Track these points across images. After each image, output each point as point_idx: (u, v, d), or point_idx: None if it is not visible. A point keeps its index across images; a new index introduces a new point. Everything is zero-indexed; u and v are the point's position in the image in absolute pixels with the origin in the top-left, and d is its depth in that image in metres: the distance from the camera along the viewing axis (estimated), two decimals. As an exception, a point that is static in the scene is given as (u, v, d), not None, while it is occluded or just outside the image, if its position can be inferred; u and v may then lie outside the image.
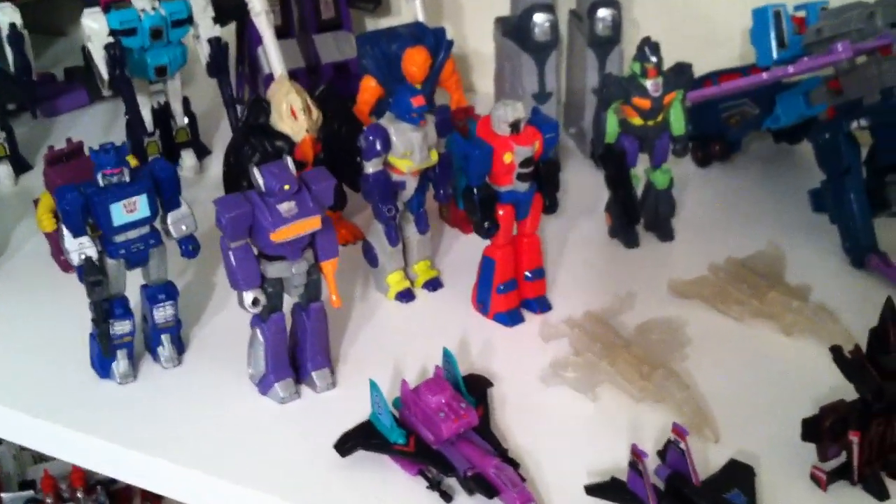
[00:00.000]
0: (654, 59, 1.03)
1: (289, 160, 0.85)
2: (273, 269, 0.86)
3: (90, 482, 1.70)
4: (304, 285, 0.88)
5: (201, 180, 1.28)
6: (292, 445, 0.86)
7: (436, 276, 1.06)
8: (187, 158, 1.29)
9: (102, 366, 0.93)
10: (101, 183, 0.87)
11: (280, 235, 0.83)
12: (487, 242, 0.98)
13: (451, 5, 1.45)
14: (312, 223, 0.85)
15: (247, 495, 0.83)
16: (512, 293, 0.99)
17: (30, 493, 1.70)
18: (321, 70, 1.37)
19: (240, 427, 0.89)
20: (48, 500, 1.62)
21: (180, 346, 0.96)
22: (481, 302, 1.00)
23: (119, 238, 0.89)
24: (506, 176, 0.94)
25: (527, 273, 0.99)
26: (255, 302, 0.86)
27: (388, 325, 1.01)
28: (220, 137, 1.36)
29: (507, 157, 0.93)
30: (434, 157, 0.99)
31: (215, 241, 0.86)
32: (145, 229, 0.90)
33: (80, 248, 0.88)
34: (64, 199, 0.87)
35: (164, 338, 0.95)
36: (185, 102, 1.28)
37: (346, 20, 1.40)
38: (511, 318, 0.99)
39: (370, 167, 0.98)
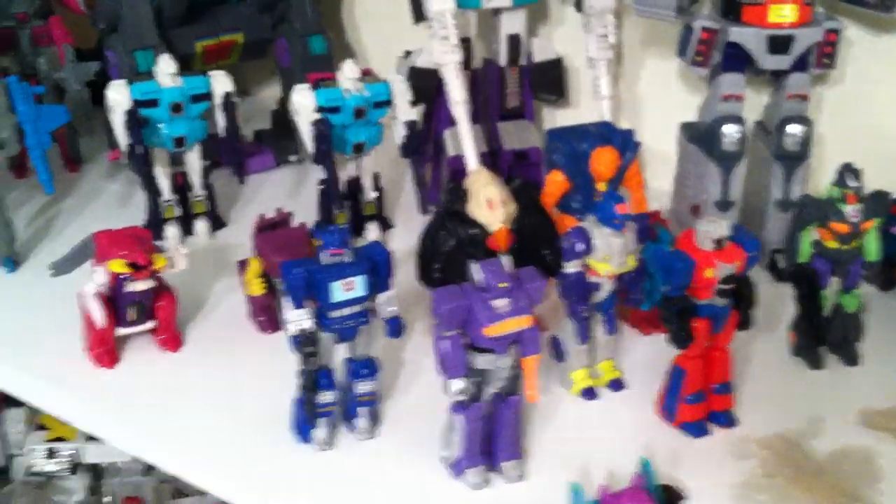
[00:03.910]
0: (854, 184, 1.04)
1: (505, 259, 0.90)
2: (480, 361, 0.90)
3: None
4: (506, 378, 0.91)
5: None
6: (480, 534, 0.89)
7: (619, 377, 1.08)
8: (372, 230, 1.35)
9: (303, 431, 0.98)
10: (324, 261, 0.93)
11: (493, 331, 0.87)
12: (670, 346, 1.00)
13: (631, 102, 1.49)
14: (524, 321, 0.88)
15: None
16: (700, 404, 1.00)
17: (171, 525, 1.76)
18: (502, 155, 1.41)
19: (430, 506, 0.92)
20: (189, 536, 1.66)
21: (376, 420, 1.01)
22: (667, 409, 1.01)
23: (334, 314, 0.94)
24: (705, 290, 0.96)
25: (715, 386, 1.00)
26: (461, 390, 0.89)
27: (571, 422, 1.03)
28: (401, 213, 1.42)
29: (709, 273, 0.95)
30: (631, 263, 1.02)
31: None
32: (358, 307, 0.95)
33: (299, 319, 0.94)
34: (290, 273, 0.92)
35: (362, 411, 0.99)
36: (376, 178, 1.34)
37: (529, 110, 1.44)
38: (698, 430, 1.00)
39: (570, 267, 1.01)
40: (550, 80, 1.44)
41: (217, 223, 1.37)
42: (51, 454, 1.82)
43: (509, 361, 0.90)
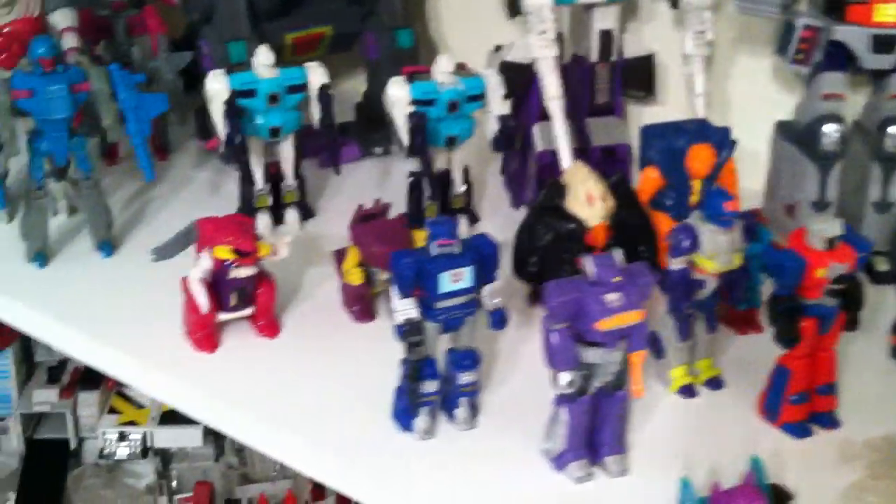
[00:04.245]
0: (962, 185, 1.03)
1: (618, 253, 0.90)
2: (590, 355, 0.90)
3: (302, 513, 1.78)
4: (614, 373, 0.91)
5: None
6: (587, 526, 0.89)
7: (718, 375, 1.07)
8: (461, 224, 1.35)
9: (405, 420, 0.99)
10: (433, 252, 0.94)
11: (604, 325, 0.87)
12: (767, 345, 1.00)
13: (721, 99, 1.47)
14: (635, 316, 0.88)
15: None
16: (803, 405, 0.99)
17: (245, 513, 1.79)
18: (590, 152, 1.41)
19: (532, 499, 0.93)
20: (263, 522, 1.68)
21: (475, 411, 1.01)
22: (769, 409, 1.01)
23: (441, 304, 0.95)
24: (815, 290, 0.95)
25: (819, 387, 1.00)
26: (570, 383, 0.90)
27: (670, 419, 1.03)
28: (487, 207, 1.42)
29: (820, 272, 0.94)
30: (737, 261, 1.02)
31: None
32: (465, 298, 0.96)
33: (406, 309, 0.94)
34: (400, 263, 0.93)
35: (463, 401, 1.00)
36: (465, 171, 1.34)
37: (619, 107, 1.44)
38: (800, 430, 0.99)
39: (675, 264, 1.01)
40: (641, 77, 1.44)
41: (306, 213, 1.39)
42: (122, 438, 1.85)
43: (619, 356, 0.90)
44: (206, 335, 1.09)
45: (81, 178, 1.23)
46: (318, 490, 1.81)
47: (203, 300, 1.05)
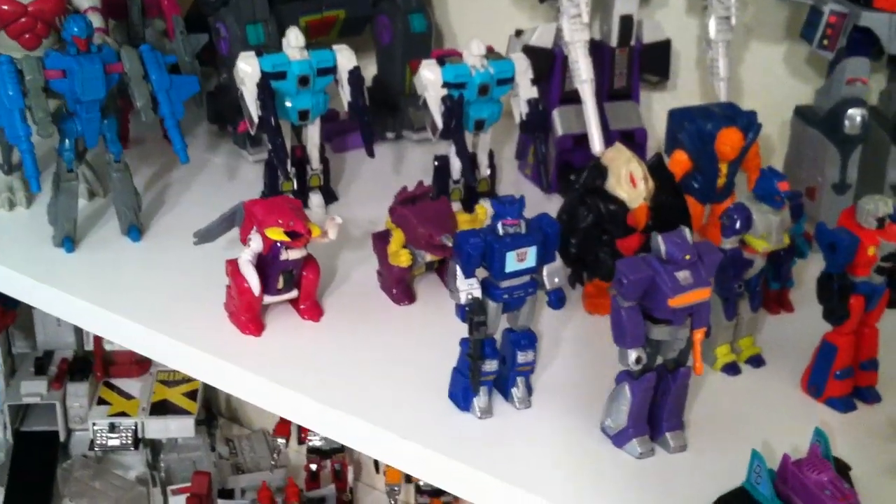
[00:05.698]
0: None
1: (687, 231, 0.91)
2: (657, 332, 0.92)
3: (303, 499, 1.78)
4: (678, 350, 0.93)
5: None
6: (650, 501, 0.91)
7: (759, 353, 1.10)
8: (486, 207, 1.36)
9: (464, 399, 1.00)
10: (500, 231, 0.94)
11: (677, 302, 0.89)
12: (797, 323, 1.05)
13: (733, 84, 1.49)
14: (704, 293, 0.90)
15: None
16: (848, 380, 1.02)
17: (246, 502, 1.78)
18: (609, 136, 1.42)
19: (596, 475, 0.94)
20: (264, 510, 1.67)
21: (530, 390, 1.02)
22: (814, 385, 1.04)
23: (505, 284, 0.96)
24: (864, 268, 0.98)
25: (862, 362, 1.03)
26: (637, 360, 0.91)
27: (717, 395, 1.05)
28: (506, 191, 1.42)
29: (871, 251, 0.97)
30: (787, 241, 1.04)
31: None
32: (527, 278, 0.97)
33: (469, 288, 0.95)
34: (468, 242, 0.94)
35: (520, 380, 1.01)
36: (490, 156, 1.35)
37: (636, 91, 1.46)
38: (845, 405, 1.02)
39: (727, 243, 1.03)
40: (658, 62, 1.46)
41: (329, 197, 1.38)
42: (112, 429, 1.82)
43: (685, 333, 0.92)
44: (253, 318, 1.08)
45: (113, 161, 1.21)
46: (314, 479, 1.81)
47: (255, 282, 1.05)
